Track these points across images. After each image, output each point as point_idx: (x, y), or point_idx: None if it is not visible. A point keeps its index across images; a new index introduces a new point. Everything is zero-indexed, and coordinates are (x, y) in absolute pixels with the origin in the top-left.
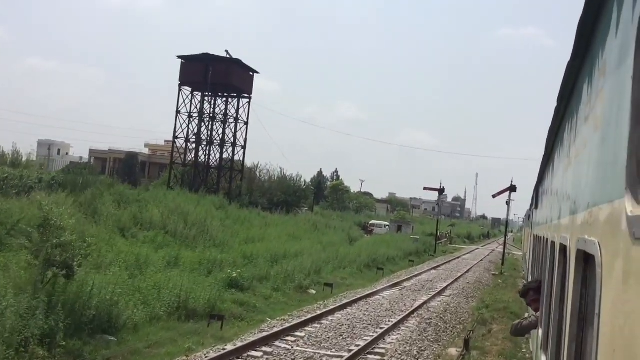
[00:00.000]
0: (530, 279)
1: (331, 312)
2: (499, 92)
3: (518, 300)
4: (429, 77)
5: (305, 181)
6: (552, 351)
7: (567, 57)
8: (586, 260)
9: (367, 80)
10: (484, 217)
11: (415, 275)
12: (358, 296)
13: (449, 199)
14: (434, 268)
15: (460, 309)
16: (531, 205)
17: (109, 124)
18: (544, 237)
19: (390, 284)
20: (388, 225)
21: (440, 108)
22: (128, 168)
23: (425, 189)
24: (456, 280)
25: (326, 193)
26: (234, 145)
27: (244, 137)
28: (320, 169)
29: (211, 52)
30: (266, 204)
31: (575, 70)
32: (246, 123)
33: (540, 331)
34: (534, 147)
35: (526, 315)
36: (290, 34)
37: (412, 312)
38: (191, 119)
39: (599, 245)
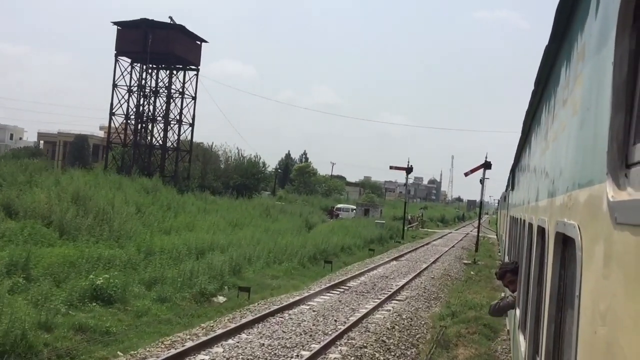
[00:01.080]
0: (506, 260)
1: (212, 342)
2: (475, 74)
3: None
4: (406, 61)
5: (264, 163)
6: (531, 331)
7: (542, 39)
8: (565, 243)
9: (343, 64)
10: (459, 199)
11: (370, 270)
12: (275, 307)
13: (425, 182)
14: (396, 258)
15: (416, 321)
16: (507, 186)
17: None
18: (520, 219)
19: (331, 283)
20: (354, 209)
21: (416, 91)
22: (78, 151)
23: (391, 168)
24: (419, 274)
25: (292, 176)
26: (179, 122)
27: (192, 113)
28: (289, 151)
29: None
30: (222, 188)
31: (553, 54)
32: (194, 98)
33: (518, 311)
34: (510, 129)
35: (503, 294)
36: (267, 18)
37: (340, 336)
38: (131, 94)
39: (579, 228)
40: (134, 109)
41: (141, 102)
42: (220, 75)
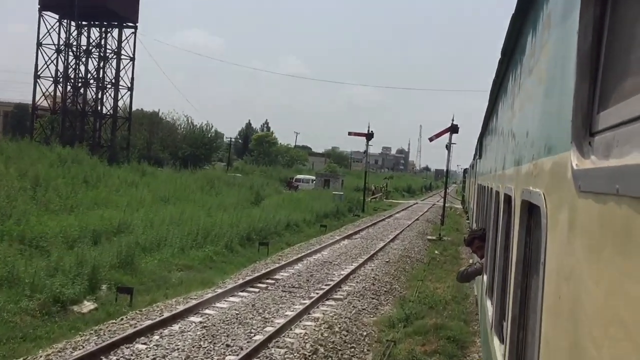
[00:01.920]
0: (475, 227)
1: None
2: (443, 45)
3: (461, 296)
4: (373, 32)
5: (216, 131)
6: (498, 296)
7: (509, 9)
8: (530, 210)
9: (312, 34)
10: (427, 169)
11: (312, 253)
12: (150, 321)
13: (393, 152)
14: (350, 236)
15: (354, 335)
16: (475, 155)
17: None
18: (488, 187)
19: (255, 275)
20: (314, 180)
21: (384, 63)
22: (17, 121)
23: (350, 134)
24: (372, 257)
25: (251, 146)
26: (116, 86)
27: (130, 76)
28: (249, 120)
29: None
30: (169, 159)
31: (519, 23)
32: (132, 59)
33: (485, 277)
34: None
35: (471, 261)
36: None
37: None
38: (59, 54)
39: (544, 196)
40: (63, 72)
41: (71, 63)
42: (185, 45)
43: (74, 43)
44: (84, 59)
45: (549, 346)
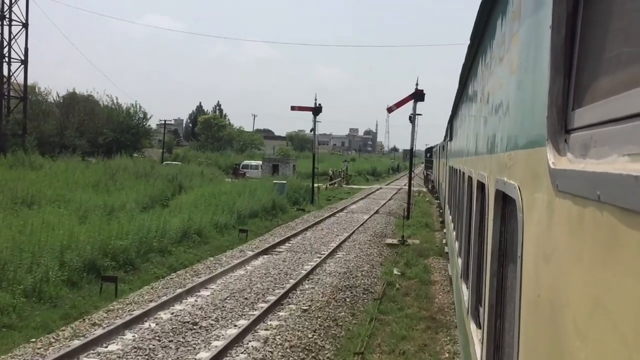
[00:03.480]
0: (447, 209)
1: None
2: (409, 26)
3: None
4: (340, 14)
5: (145, 113)
6: (473, 282)
7: None
8: (505, 200)
9: (277, 17)
10: (395, 149)
11: (188, 292)
12: None
13: (360, 133)
14: (271, 248)
15: None
16: (445, 136)
17: None
18: (459, 170)
19: None
20: (260, 166)
21: (351, 44)
22: None
23: (293, 108)
24: (289, 293)
25: (197, 129)
26: (5, 57)
27: (24, 47)
28: (200, 102)
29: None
30: (87, 147)
31: (488, 9)
32: (24, 25)
33: (460, 260)
34: (446, 78)
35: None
36: None
37: None
38: None
39: (520, 190)
40: None
41: None
42: (149, 29)
43: None
44: None
45: (527, 335)
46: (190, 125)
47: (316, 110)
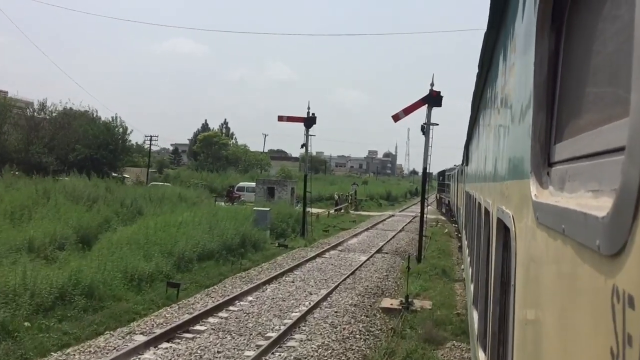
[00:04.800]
0: (464, 233)
1: None
2: (428, 49)
3: None
4: (361, 36)
5: (125, 128)
6: (481, 310)
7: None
8: (505, 228)
9: (298, 41)
10: (414, 172)
11: None
12: None
13: (380, 155)
14: (196, 321)
15: None
16: (463, 160)
17: None
18: (472, 195)
19: None
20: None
21: (371, 67)
22: None
23: (280, 118)
24: None
25: (195, 148)
26: None
27: None
28: (205, 120)
29: None
30: (55, 164)
31: (492, 41)
32: None
33: (472, 286)
34: (464, 100)
35: None
36: None
37: None
38: None
39: (513, 218)
40: None
41: None
42: (171, 54)
43: None
44: None
45: None
46: (196, 143)
47: (309, 121)
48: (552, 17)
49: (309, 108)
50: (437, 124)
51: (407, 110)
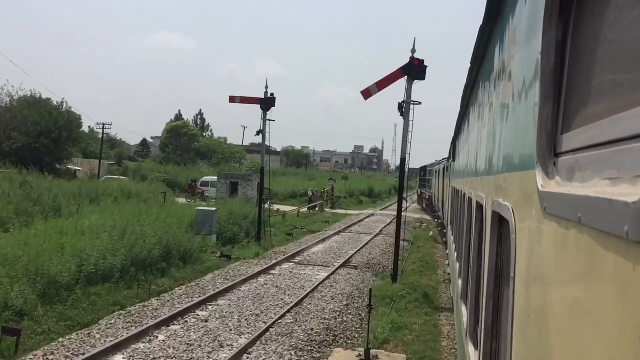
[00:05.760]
0: (449, 229)
1: None
2: (418, 45)
3: None
4: (348, 33)
5: (69, 111)
6: (472, 304)
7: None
8: (501, 222)
9: (287, 36)
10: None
11: None
12: None
13: (366, 151)
14: None
15: None
16: (449, 156)
17: None
18: (461, 191)
19: None
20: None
21: (358, 64)
22: None
23: (232, 99)
24: None
25: (163, 139)
26: None
27: None
28: (179, 110)
29: None
30: None
31: (487, 34)
32: None
33: (460, 281)
34: (451, 99)
35: None
36: None
37: None
38: None
39: (513, 211)
40: None
41: None
42: (159, 47)
43: None
44: None
45: (519, 357)
46: (167, 134)
47: (266, 102)
48: (560, 7)
49: (267, 87)
50: (420, 103)
51: (381, 84)
